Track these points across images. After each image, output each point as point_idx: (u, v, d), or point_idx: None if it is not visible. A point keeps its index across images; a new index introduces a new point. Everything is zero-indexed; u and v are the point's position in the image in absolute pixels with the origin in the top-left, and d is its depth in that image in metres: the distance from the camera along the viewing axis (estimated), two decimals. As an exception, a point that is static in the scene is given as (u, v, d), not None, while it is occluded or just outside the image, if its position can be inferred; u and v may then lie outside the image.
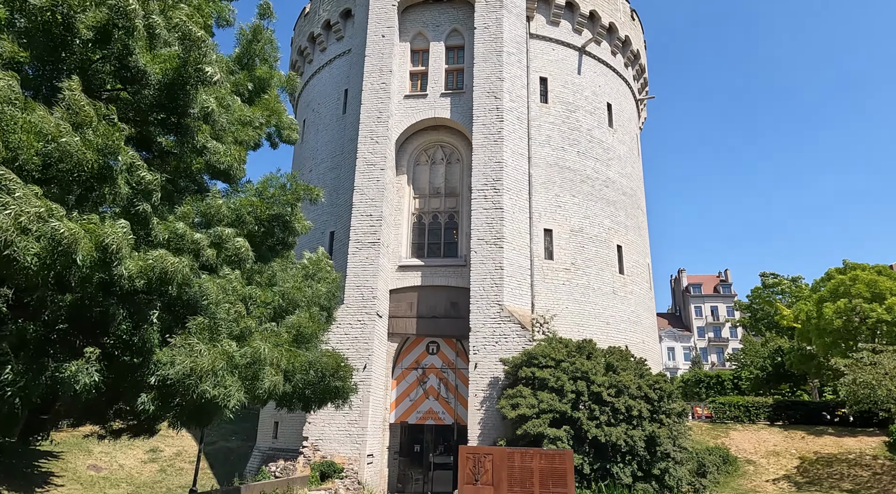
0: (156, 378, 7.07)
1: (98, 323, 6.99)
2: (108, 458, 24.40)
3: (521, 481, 10.15)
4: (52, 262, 5.19)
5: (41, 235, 5.02)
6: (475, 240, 23.77)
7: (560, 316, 24.18)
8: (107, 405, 10.37)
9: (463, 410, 23.76)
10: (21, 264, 5.02)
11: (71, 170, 5.66)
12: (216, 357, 6.74)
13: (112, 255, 5.62)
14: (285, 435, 26.08)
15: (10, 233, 4.74)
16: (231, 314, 7.51)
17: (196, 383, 6.55)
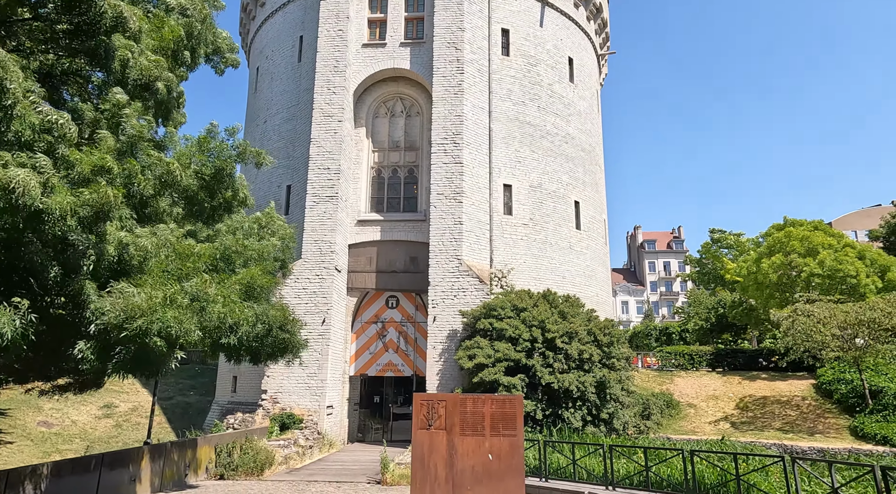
0: (95, 326, 6.88)
1: (29, 275, 6.70)
2: (59, 415, 23.98)
3: (472, 425, 10.50)
4: None
5: None
6: (435, 195, 23.67)
7: (518, 270, 24.61)
8: (48, 359, 10.09)
9: (422, 362, 24.24)
10: None
11: None
12: (153, 297, 6.58)
13: (19, 197, 5.29)
14: (244, 389, 26.13)
15: None
16: (171, 264, 7.30)
17: (139, 327, 6.40)
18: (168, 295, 6.75)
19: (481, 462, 10.37)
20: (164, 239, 7.49)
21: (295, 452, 19.06)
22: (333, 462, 19.31)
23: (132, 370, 8.34)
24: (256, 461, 16.70)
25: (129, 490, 12.95)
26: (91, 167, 6.29)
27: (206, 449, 16.21)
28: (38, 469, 10.68)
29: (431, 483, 10.41)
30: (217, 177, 8.95)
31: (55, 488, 10.87)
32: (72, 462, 11.67)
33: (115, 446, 23.29)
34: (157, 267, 7.12)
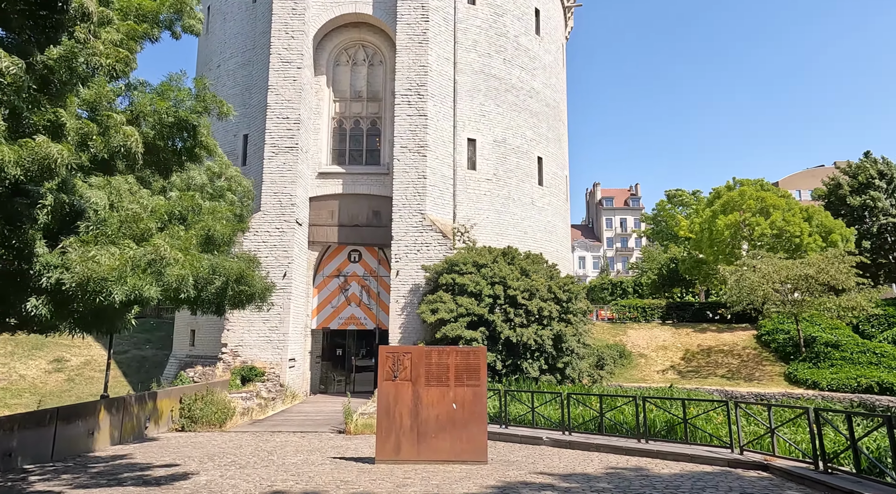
0: (46, 281, 6.56)
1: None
2: (6, 369, 23.18)
3: (437, 376, 10.74)
4: None
5: None
6: (398, 148, 23.27)
7: (480, 225, 24.76)
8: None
9: (385, 316, 24.42)
10: None
11: None
12: (116, 261, 6.31)
13: None
14: (203, 343, 25.82)
15: None
16: (127, 215, 6.96)
17: (98, 288, 6.13)
18: (128, 259, 6.46)
19: (445, 411, 10.69)
20: (119, 190, 7.11)
21: (257, 404, 19.15)
22: (296, 413, 19.53)
23: (89, 327, 8.08)
24: (218, 413, 16.70)
25: (87, 443, 12.79)
26: (44, 122, 5.84)
27: (166, 402, 16.07)
28: (-10, 425, 10.38)
29: (397, 432, 10.70)
30: (179, 128, 8.48)
31: (9, 442, 10.62)
32: (25, 416, 11.38)
33: (68, 400, 22.80)
34: (112, 221, 6.78)
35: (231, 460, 11.54)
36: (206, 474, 10.17)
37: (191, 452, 12.64)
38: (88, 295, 6.52)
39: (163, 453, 12.58)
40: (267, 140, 23.17)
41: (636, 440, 11.62)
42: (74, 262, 6.39)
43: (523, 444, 12.68)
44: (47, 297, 7.16)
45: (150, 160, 8.96)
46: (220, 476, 9.99)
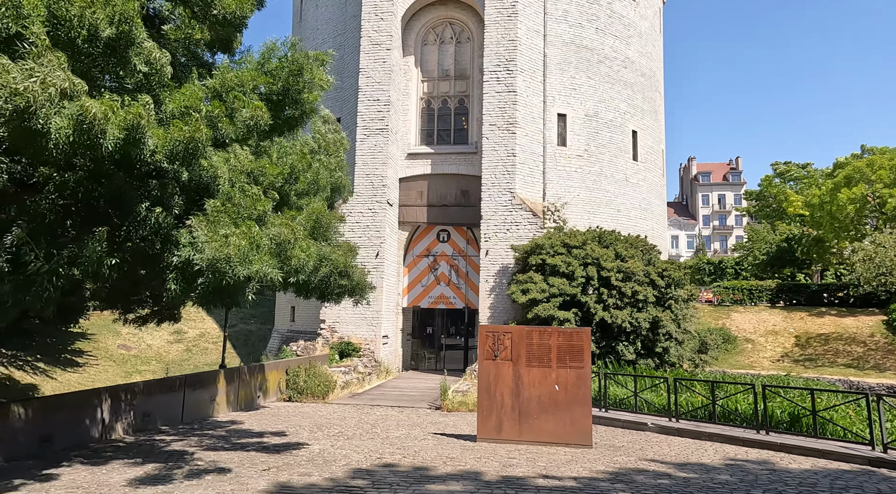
0: (178, 259, 7.05)
1: (113, 206, 6.84)
2: (136, 339, 25.76)
3: (538, 357, 10.56)
4: (78, 141, 4.88)
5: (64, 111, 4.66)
6: (487, 126, 22.96)
7: (571, 203, 24.03)
8: (130, 289, 10.60)
9: (473, 295, 24.51)
10: (44, 139, 4.72)
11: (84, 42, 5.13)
12: (245, 242, 6.64)
13: (139, 134, 5.29)
14: (302, 319, 27.25)
15: (39, 102, 4.38)
16: (247, 195, 7.29)
17: (228, 267, 6.48)
18: (254, 241, 6.80)
19: (547, 392, 10.51)
20: (239, 163, 7.46)
21: (355, 378, 19.97)
22: (391, 388, 20.17)
23: (212, 302, 8.66)
24: (321, 385, 17.59)
25: (209, 409, 13.91)
26: (181, 107, 6.21)
27: (274, 374, 17.13)
28: (134, 388, 11.53)
29: (498, 411, 10.68)
30: (285, 94, 8.78)
31: (149, 405, 11.76)
32: (160, 381, 12.54)
33: (187, 369, 24.99)
34: (235, 200, 7.12)
35: (338, 431, 12.09)
36: (317, 443, 10.71)
37: (300, 421, 13.40)
38: (216, 274, 6.93)
39: (275, 421, 13.43)
40: (358, 122, 23.69)
41: (754, 430, 10.85)
42: (204, 243, 6.80)
43: (626, 429, 12.26)
44: (178, 274, 7.76)
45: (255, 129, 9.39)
46: (330, 445, 10.48)
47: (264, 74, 8.51)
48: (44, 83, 4.54)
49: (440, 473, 8.30)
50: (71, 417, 10.04)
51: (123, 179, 6.59)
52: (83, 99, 4.87)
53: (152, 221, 6.99)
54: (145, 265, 8.28)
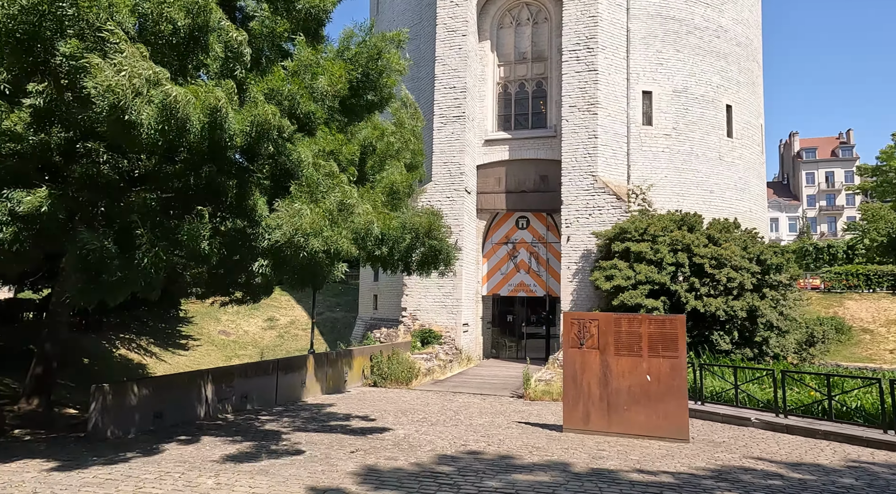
0: (267, 242, 7.30)
1: (207, 194, 7.20)
2: (234, 325, 27.54)
3: (628, 345, 10.04)
4: (167, 127, 5.17)
5: (152, 100, 4.94)
6: (566, 108, 22.18)
7: (658, 185, 22.74)
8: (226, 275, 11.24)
9: (555, 283, 23.93)
10: (138, 130, 5.03)
11: (166, 34, 5.42)
12: (317, 216, 6.76)
13: (221, 117, 5.52)
14: (384, 307, 27.91)
15: (127, 95, 4.68)
16: (324, 172, 7.42)
17: (303, 241, 6.62)
18: (324, 212, 6.92)
19: (638, 382, 9.98)
20: (322, 146, 7.64)
21: (437, 365, 20.15)
22: (473, 375, 20.16)
23: (301, 283, 8.98)
24: (404, 372, 17.89)
25: (300, 392, 14.54)
26: (265, 91, 6.42)
27: (360, 360, 17.63)
28: (233, 370, 12.26)
29: (585, 402, 10.29)
30: (365, 79, 8.87)
31: (246, 387, 12.46)
32: (256, 365, 13.25)
33: (280, 353, 26.39)
34: (316, 179, 7.27)
35: (422, 417, 12.20)
36: (402, 428, 10.85)
37: (385, 406, 13.67)
38: (294, 249, 7.07)
39: (361, 405, 13.79)
40: (435, 110, 23.70)
41: (880, 430, 9.72)
42: (283, 220, 7.00)
43: (725, 424, 11.42)
44: (269, 258, 8.12)
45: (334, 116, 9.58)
46: (415, 431, 10.58)
47: (344, 61, 8.60)
48: (131, 75, 4.79)
49: (526, 462, 8.11)
50: (179, 396, 10.82)
51: (214, 169, 6.91)
52: (167, 85, 5.10)
53: (244, 207, 7.30)
54: (238, 250, 8.71)
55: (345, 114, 9.74)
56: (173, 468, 7.70)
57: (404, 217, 8.80)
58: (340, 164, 8.71)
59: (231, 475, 7.37)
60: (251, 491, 6.68)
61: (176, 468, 7.70)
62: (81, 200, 6.52)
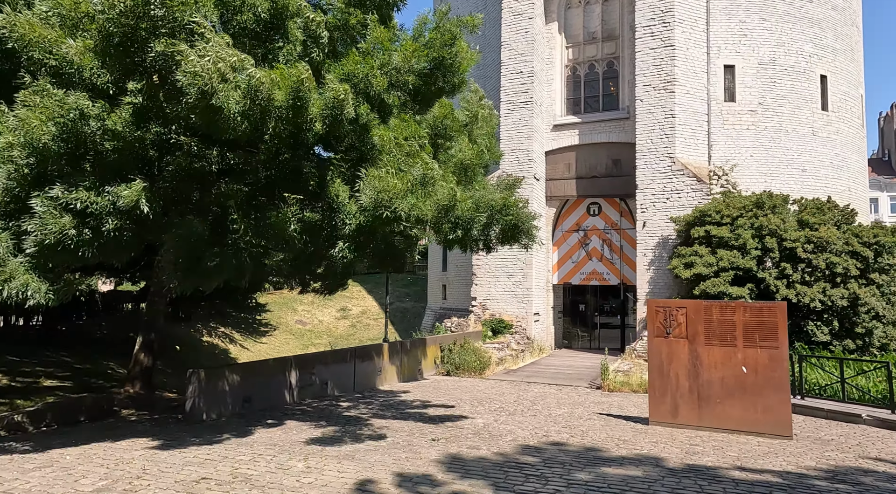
0: (349, 228, 7.38)
1: (290, 183, 7.36)
2: (309, 315, 28.52)
3: (720, 334, 9.41)
4: (251, 111, 5.28)
5: (238, 84, 5.05)
6: (640, 87, 21.16)
7: (743, 165, 21.30)
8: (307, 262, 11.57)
9: (629, 271, 23.06)
10: (225, 114, 5.17)
11: (248, 23, 5.54)
12: (401, 183, 6.74)
13: (304, 93, 5.57)
14: (453, 297, 27.96)
15: (213, 80, 4.81)
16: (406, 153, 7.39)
17: (388, 202, 6.60)
18: (409, 181, 6.90)
19: (732, 374, 9.35)
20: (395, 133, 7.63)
21: (509, 355, 19.95)
22: (546, 366, 19.81)
23: (381, 264, 9.11)
24: (476, 361, 17.83)
25: (375, 380, 14.79)
26: (341, 75, 6.45)
27: (432, 349, 17.73)
28: (314, 358, 12.63)
29: (673, 394, 9.78)
30: (438, 65, 8.78)
31: (326, 373, 12.80)
32: (335, 353, 13.59)
33: (353, 342, 27.08)
34: (399, 153, 7.26)
35: (498, 406, 12.07)
36: (480, 417, 10.76)
37: (460, 395, 13.65)
38: (380, 211, 7.05)
39: (436, 393, 13.84)
40: (502, 97, 23.31)
41: None
42: (368, 185, 7.03)
43: (831, 420, 10.53)
44: (349, 242, 8.27)
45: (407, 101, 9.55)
46: (493, 420, 10.46)
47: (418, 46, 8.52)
48: (215, 61, 4.89)
49: (614, 455, 7.78)
50: (266, 382, 11.25)
51: (296, 157, 7.04)
52: (250, 69, 5.19)
53: (325, 194, 7.40)
54: (320, 235, 8.91)
55: (416, 102, 9.70)
56: (265, 450, 7.98)
57: (477, 194, 8.64)
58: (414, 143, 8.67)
59: (319, 459, 7.54)
60: (340, 476, 6.78)
61: (267, 450, 7.97)
62: (175, 192, 6.82)
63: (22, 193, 5.96)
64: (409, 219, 6.83)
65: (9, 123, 5.79)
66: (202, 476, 6.74)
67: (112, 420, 10.23)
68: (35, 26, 5.73)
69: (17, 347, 14.81)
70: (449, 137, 9.51)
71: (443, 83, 9.67)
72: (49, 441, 8.57)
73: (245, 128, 5.55)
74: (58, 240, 5.80)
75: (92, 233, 6.07)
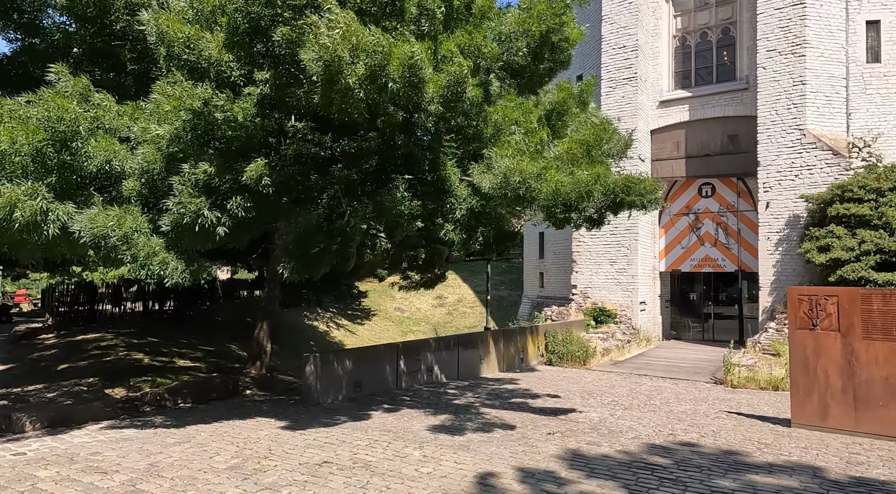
0: (460, 212, 7.19)
1: (402, 167, 7.23)
2: (407, 303, 29.02)
3: (882, 327, 8.16)
4: (371, 90, 5.15)
5: (362, 60, 4.94)
6: (763, 53, 19.10)
7: (890, 135, 18.63)
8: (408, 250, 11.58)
9: (748, 256, 21.12)
10: (348, 93, 5.08)
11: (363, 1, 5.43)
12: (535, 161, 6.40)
13: (418, 73, 5.37)
14: (551, 284, 27.20)
15: (341, 52, 4.71)
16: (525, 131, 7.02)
17: (520, 182, 6.27)
18: (550, 160, 6.54)
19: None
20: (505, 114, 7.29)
21: (614, 345, 19.01)
22: (655, 357, 18.66)
23: (486, 251, 8.88)
24: (580, 351, 17.13)
25: (479, 368, 14.60)
26: (454, 47, 6.18)
27: (534, 338, 17.26)
28: (420, 345, 12.66)
29: (822, 393, 8.64)
30: (544, 42, 8.30)
31: (431, 358, 12.79)
32: (439, 340, 13.55)
33: (449, 329, 27.22)
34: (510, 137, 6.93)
35: (611, 399, 11.41)
36: (593, 411, 10.20)
37: (567, 386, 13.11)
38: (506, 192, 6.69)
39: (541, 383, 13.40)
40: (603, 74, 22.10)
41: None
42: (498, 163, 6.71)
43: None
44: (459, 226, 8.07)
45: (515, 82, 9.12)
46: (609, 414, 9.86)
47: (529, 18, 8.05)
48: (345, 33, 4.76)
49: (759, 461, 6.95)
50: (374, 367, 11.41)
51: (410, 141, 6.88)
52: (374, 44, 5.02)
53: (435, 179, 7.20)
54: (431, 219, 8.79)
55: (522, 83, 9.29)
56: (380, 436, 8.00)
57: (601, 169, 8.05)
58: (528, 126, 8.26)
59: (434, 448, 7.41)
60: (458, 467, 6.60)
61: (382, 436, 7.99)
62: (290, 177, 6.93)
63: (159, 176, 6.30)
64: (548, 199, 6.44)
65: (150, 108, 6.11)
66: (324, 459, 6.83)
67: (237, 400, 10.84)
68: (174, 23, 5.98)
69: (155, 330, 16.27)
70: (561, 116, 9.00)
71: (549, 61, 9.20)
72: (185, 417, 9.19)
73: (364, 108, 5.46)
74: (193, 220, 6.07)
75: (220, 213, 6.32)
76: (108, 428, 8.43)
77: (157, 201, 6.39)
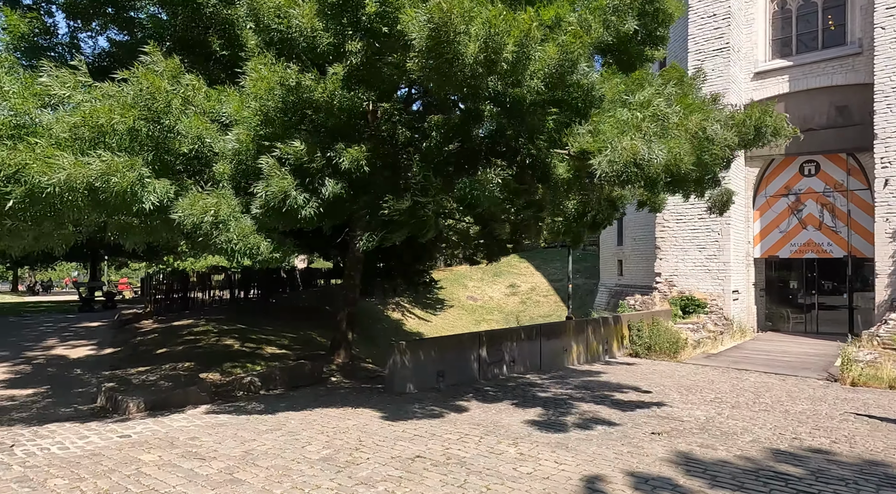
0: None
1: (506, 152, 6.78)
2: (480, 292, 28.66)
3: None
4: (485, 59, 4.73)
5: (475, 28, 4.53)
6: (881, 12, 16.99)
7: None
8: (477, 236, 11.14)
9: (860, 240, 19.06)
10: (458, 61, 4.67)
11: None
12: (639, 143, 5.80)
13: (528, 49, 4.87)
14: (630, 272, 25.93)
15: (454, 14, 4.31)
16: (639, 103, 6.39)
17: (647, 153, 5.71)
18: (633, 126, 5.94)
19: None
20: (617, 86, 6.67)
21: (706, 337, 17.75)
22: (753, 350, 17.23)
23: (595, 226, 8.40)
24: (668, 342, 16.08)
25: (562, 359, 13.97)
26: (553, 18, 5.64)
27: (619, 328, 16.38)
28: (501, 334, 12.22)
29: (984, 397, 7.40)
30: (642, 14, 7.61)
31: (513, 349, 12.33)
32: (521, 329, 13.05)
33: (524, 319, 26.61)
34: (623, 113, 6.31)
35: (713, 396, 10.49)
36: (697, 408, 9.37)
37: (660, 380, 12.25)
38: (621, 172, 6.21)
39: (631, 377, 12.60)
40: (690, 47, 20.52)
41: None
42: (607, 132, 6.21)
43: None
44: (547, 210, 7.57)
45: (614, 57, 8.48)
46: (716, 413, 9.01)
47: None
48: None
49: (914, 475, 5.99)
50: (457, 356, 11.09)
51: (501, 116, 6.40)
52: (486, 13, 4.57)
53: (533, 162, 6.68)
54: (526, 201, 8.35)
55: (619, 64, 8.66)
56: (469, 430, 7.64)
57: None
58: None
59: (529, 445, 6.96)
60: (559, 468, 6.11)
61: (472, 430, 7.63)
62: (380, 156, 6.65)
63: (250, 157, 6.19)
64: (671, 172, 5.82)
65: (247, 85, 5.99)
66: (416, 453, 6.55)
67: (323, 387, 10.86)
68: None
69: (241, 316, 16.82)
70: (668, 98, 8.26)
71: (644, 38, 8.55)
72: (276, 404, 9.25)
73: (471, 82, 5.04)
74: (281, 201, 5.92)
75: (310, 195, 6.15)
76: (204, 413, 8.59)
77: (247, 184, 6.28)
